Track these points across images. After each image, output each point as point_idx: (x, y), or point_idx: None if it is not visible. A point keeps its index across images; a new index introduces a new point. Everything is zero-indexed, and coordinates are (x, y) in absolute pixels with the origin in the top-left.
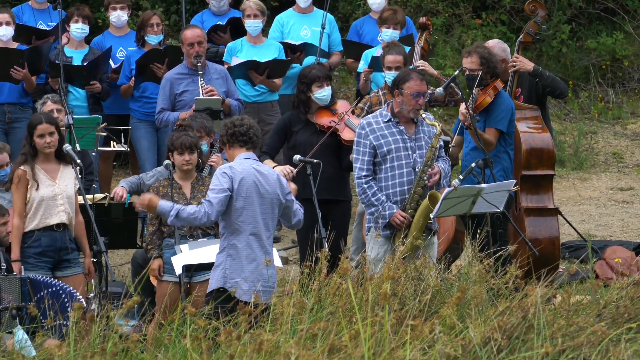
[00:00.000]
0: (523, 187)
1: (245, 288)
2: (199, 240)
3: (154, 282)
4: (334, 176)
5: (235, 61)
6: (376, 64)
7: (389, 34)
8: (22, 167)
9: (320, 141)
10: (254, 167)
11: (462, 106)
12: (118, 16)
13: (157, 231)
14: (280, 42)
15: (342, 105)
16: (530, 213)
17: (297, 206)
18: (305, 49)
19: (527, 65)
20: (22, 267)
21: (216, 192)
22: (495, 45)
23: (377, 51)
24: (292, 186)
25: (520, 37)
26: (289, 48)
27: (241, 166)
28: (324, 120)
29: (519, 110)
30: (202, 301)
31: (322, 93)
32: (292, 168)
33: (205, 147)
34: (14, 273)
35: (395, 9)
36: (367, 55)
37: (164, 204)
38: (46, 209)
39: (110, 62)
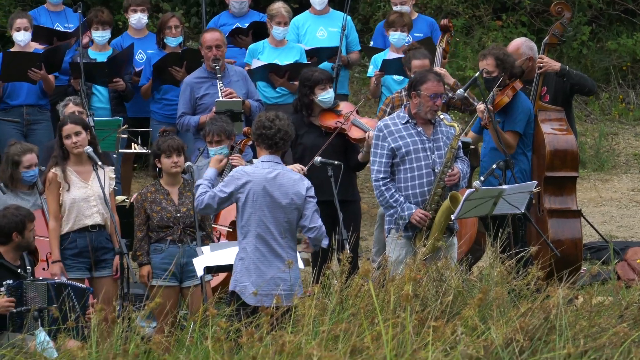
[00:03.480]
0: (546, 189)
1: (251, 291)
2: (221, 242)
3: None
4: (342, 177)
5: (256, 63)
6: (387, 67)
7: (396, 36)
8: (52, 170)
9: (328, 141)
10: (268, 171)
11: (482, 105)
12: (138, 18)
13: (145, 237)
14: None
15: (346, 106)
16: (553, 214)
17: (319, 220)
18: (318, 54)
19: (554, 65)
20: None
21: (218, 190)
22: (523, 43)
23: (388, 54)
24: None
25: (546, 38)
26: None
27: (254, 169)
28: (329, 122)
29: (544, 112)
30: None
31: (325, 95)
32: (302, 166)
33: (225, 150)
34: (55, 275)
35: (401, 13)
36: (377, 59)
37: (209, 171)
38: (79, 211)
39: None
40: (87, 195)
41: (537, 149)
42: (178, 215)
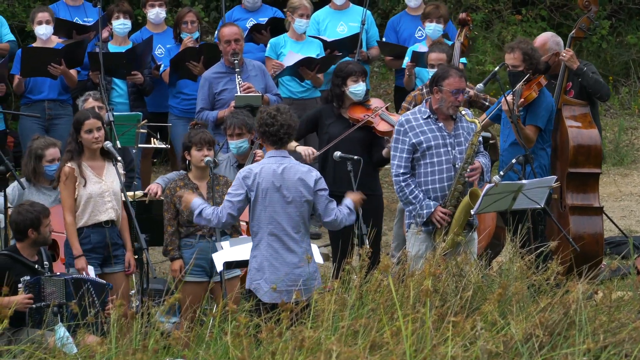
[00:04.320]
0: (569, 185)
1: (265, 289)
2: (240, 237)
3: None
4: (364, 171)
5: (292, 57)
6: (419, 59)
7: (432, 27)
8: (69, 164)
9: (350, 130)
10: (275, 167)
11: (509, 98)
12: (157, 13)
13: (175, 231)
14: (314, 37)
15: (376, 102)
16: (575, 211)
17: (332, 205)
18: (339, 46)
19: (574, 62)
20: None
21: (231, 197)
22: (549, 38)
23: (419, 47)
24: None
25: (573, 32)
26: (324, 46)
27: (261, 167)
28: (358, 114)
29: (568, 106)
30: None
31: (357, 88)
32: (313, 150)
33: (246, 143)
34: (83, 269)
35: (437, 4)
36: (411, 51)
37: (195, 202)
38: (95, 206)
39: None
40: (102, 190)
41: (561, 144)
42: None
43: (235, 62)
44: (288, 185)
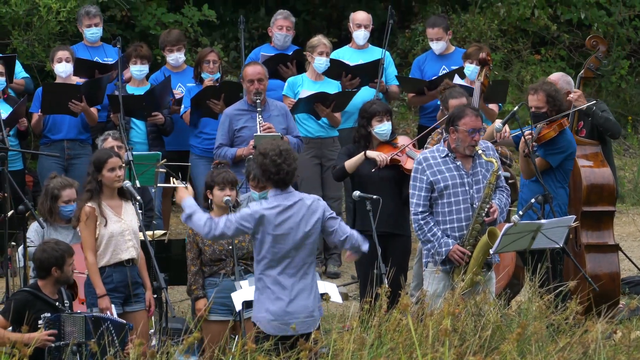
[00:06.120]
0: (583, 223)
1: (267, 320)
2: None
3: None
4: (393, 210)
5: (304, 93)
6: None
7: (470, 69)
8: (89, 204)
9: (375, 168)
10: (284, 204)
11: (527, 134)
12: (176, 58)
13: (199, 271)
14: (334, 60)
15: (403, 140)
16: (591, 249)
17: (348, 228)
18: (360, 73)
19: (582, 102)
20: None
21: (235, 221)
22: (560, 78)
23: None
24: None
25: (582, 72)
26: (343, 70)
27: (269, 204)
28: (386, 154)
29: (580, 146)
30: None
31: (382, 127)
32: (386, 155)
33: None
34: (107, 309)
35: (480, 46)
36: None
37: (188, 201)
38: (116, 245)
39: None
40: (122, 229)
41: (574, 183)
42: (230, 247)
43: (257, 101)
44: (296, 221)
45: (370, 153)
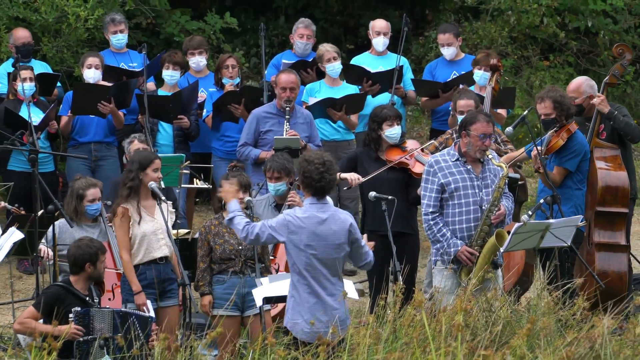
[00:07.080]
0: (597, 223)
1: (302, 328)
2: (279, 274)
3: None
4: (402, 210)
5: (312, 101)
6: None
7: (479, 75)
8: (123, 205)
9: (380, 170)
10: (318, 216)
11: (533, 153)
12: (197, 61)
13: (207, 268)
14: (356, 66)
15: (411, 144)
16: (602, 248)
17: (367, 249)
18: (379, 79)
19: (605, 107)
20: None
21: (270, 226)
22: (584, 82)
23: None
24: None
25: (607, 78)
26: (364, 76)
27: (304, 215)
28: (395, 157)
29: (599, 149)
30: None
31: (392, 131)
32: (359, 176)
33: (284, 186)
34: (143, 305)
35: (488, 52)
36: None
37: (233, 205)
38: (149, 244)
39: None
40: (155, 228)
41: (591, 183)
42: (240, 248)
43: (287, 108)
44: (329, 234)
45: (344, 175)
